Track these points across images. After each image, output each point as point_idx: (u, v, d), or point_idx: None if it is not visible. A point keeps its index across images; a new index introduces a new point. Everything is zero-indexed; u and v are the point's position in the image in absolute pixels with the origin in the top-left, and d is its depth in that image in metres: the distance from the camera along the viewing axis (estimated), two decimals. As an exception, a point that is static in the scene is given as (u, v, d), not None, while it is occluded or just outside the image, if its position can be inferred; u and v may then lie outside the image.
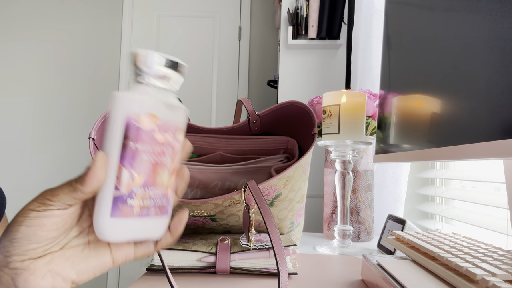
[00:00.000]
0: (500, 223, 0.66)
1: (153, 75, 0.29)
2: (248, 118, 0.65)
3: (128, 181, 0.28)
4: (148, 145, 0.29)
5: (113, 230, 0.28)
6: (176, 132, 0.31)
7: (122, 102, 0.28)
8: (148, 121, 0.29)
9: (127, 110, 0.28)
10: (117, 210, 0.28)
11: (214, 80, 2.36)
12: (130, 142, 0.28)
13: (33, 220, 0.26)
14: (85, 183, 0.27)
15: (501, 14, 0.31)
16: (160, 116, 0.29)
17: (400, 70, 0.56)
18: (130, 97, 0.28)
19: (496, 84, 0.31)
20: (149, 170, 0.29)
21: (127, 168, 0.28)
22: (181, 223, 0.32)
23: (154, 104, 0.29)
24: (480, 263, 0.35)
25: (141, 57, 0.29)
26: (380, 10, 1.04)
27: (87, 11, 2.43)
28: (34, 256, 0.27)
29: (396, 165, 0.95)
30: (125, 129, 0.28)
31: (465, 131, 0.35)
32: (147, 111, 0.29)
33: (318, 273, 0.55)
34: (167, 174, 0.31)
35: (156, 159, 0.29)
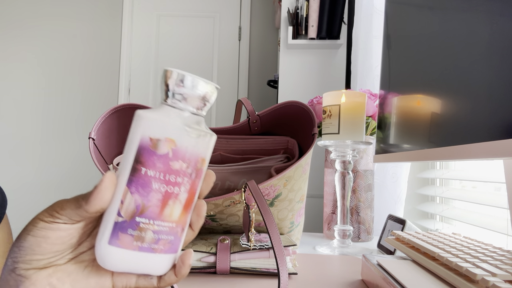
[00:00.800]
0: (500, 223, 0.66)
1: (179, 96, 0.27)
2: (248, 118, 0.65)
3: (132, 209, 0.26)
4: (159, 172, 0.26)
5: (108, 257, 0.26)
6: (197, 162, 0.28)
7: (140, 122, 0.26)
8: (163, 145, 0.26)
9: (143, 131, 0.26)
10: (116, 238, 0.26)
11: (214, 80, 2.36)
12: (140, 165, 0.26)
13: (39, 231, 0.26)
14: (89, 202, 0.26)
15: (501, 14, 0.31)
16: (178, 141, 0.26)
17: (400, 70, 0.56)
18: (149, 117, 0.26)
19: (496, 84, 0.31)
20: (157, 201, 0.26)
21: (133, 193, 0.26)
22: (185, 265, 0.29)
23: (174, 127, 0.26)
24: (480, 263, 0.35)
25: (172, 76, 0.27)
26: (380, 10, 1.04)
27: (87, 11, 2.43)
28: (38, 266, 0.26)
29: (396, 165, 0.95)
30: (137, 151, 0.26)
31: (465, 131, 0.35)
32: (164, 135, 0.26)
33: (318, 273, 0.55)
34: (180, 208, 0.27)
35: (168, 189, 0.27)
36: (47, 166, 2.38)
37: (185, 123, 0.27)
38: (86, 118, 2.40)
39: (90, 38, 2.42)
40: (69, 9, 2.43)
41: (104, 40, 2.41)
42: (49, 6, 2.43)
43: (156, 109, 0.27)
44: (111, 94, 2.41)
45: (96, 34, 2.42)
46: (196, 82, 0.27)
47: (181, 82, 0.27)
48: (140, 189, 0.26)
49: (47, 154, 2.38)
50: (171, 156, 0.26)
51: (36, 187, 2.37)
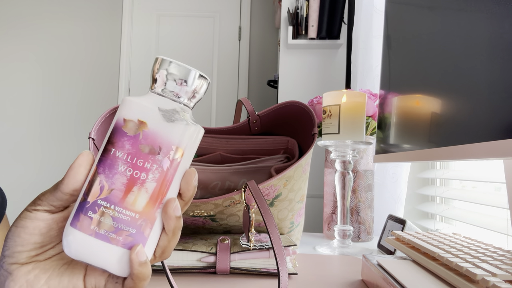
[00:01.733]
0: (500, 223, 0.66)
1: (168, 85, 0.27)
2: (248, 118, 0.65)
3: (96, 190, 0.25)
4: (127, 154, 0.25)
5: (69, 241, 0.25)
6: (170, 150, 0.26)
7: (122, 106, 0.26)
8: (135, 126, 0.25)
9: (120, 113, 0.26)
10: (76, 220, 0.25)
11: (214, 80, 2.36)
12: (110, 146, 0.25)
13: (20, 221, 0.26)
14: (63, 181, 0.25)
15: (501, 13, 0.31)
16: (150, 124, 0.26)
17: (400, 70, 0.56)
18: (130, 100, 0.26)
19: (496, 84, 0.31)
20: (121, 184, 0.25)
21: (100, 174, 0.25)
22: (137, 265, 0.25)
23: (148, 110, 0.26)
24: (480, 263, 0.35)
25: (160, 64, 0.26)
26: (380, 10, 1.04)
27: (87, 11, 2.43)
28: (20, 261, 0.26)
29: (396, 165, 0.95)
30: (111, 132, 0.26)
31: (465, 131, 0.35)
32: (137, 116, 0.26)
33: (318, 273, 0.55)
34: (145, 198, 0.25)
35: (134, 173, 0.25)
36: (47, 166, 2.38)
37: (161, 108, 0.26)
38: (86, 118, 2.40)
39: (90, 38, 2.42)
40: (69, 9, 2.43)
41: (104, 40, 2.41)
42: (49, 6, 2.43)
43: (143, 95, 0.27)
44: (111, 94, 2.41)
45: (96, 34, 2.42)
46: (185, 72, 0.26)
47: (169, 71, 0.26)
48: (106, 170, 0.25)
49: (47, 154, 2.38)
50: (141, 138, 0.25)
51: (36, 187, 2.37)
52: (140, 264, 0.25)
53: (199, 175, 0.63)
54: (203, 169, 0.62)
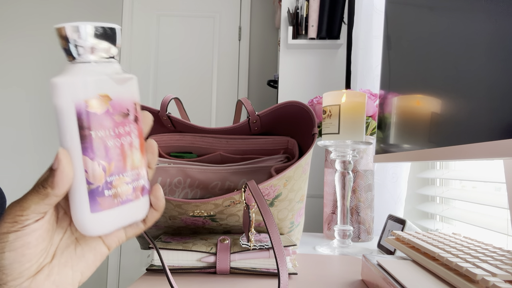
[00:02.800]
0: (500, 223, 0.66)
1: (87, 49, 0.26)
2: (248, 118, 0.65)
3: (99, 173, 0.26)
4: (107, 130, 0.26)
5: (97, 224, 0.26)
6: (134, 106, 0.28)
7: (64, 89, 0.25)
8: (100, 103, 0.26)
9: (73, 97, 0.25)
10: (96, 204, 0.26)
11: (214, 80, 2.36)
12: (87, 131, 0.25)
13: (15, 243, 0.24)
14: (56, 185, 0.24)
15: (501, 13, 0.31)
16: (111, 94, 0.26)
17: (400, 70, 0.56)
18: (72, 80, 0.25)
19: (496, 84, 0.31)
20: (117, 155, 0.27)
21: (93, 159, 0.26)
22: (159, 198, 0.30)
23: (100, 82, 0.26)
24: (480, 263, 0.35)
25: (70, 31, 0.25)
26: (380, 10, 1.04)
27: (86, 11, 2.43)
28: (31, 274, 0.25)
29: (396, 165, 0.95)
30: (78, 118, 0.25)
31: (465, 131, 0.35)
32: (96, 93, 0.25)
33: (318, 273, 0.55)
34: (138, 153, 0.28)
35: (121, 141, 0.27)
36: (46, 166, 2.39)
37: (107, 74, 0.26)
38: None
39: (90, 38, 2.42)
40: (69, 9, 2.43)
41: (104, 40, 2.41)
42: (49, 6, 2.43)
43: (66, 71, 0.26)
44: (111, 94, 2.41)
45: (96, 34, 2.42)
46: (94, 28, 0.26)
47: (78, 35, 0.25)
48: (98, 152, 0.26)
49: (47, 154, 2.39)
50: (111, 110, 0.26)
51: (36, 187, 2.37)
52: (162, 197, 0.30)
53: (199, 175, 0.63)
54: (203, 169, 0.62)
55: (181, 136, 0.68)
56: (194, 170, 0.62)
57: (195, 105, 2.34)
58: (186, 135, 0.68)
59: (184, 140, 0.68)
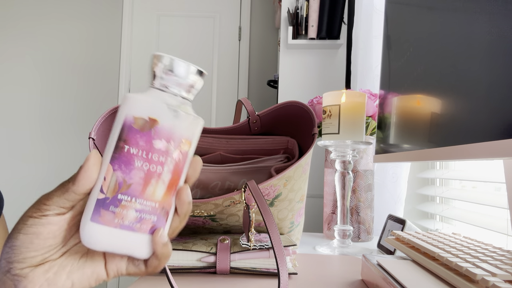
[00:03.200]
0: (500, 223, 0.66)
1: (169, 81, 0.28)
2: (248, 118, 0.65)
3: (114, 185, 0.26)
4: (142, 150, 0.27)
5: (91, 235, 0.26)
6: (180, 143, 0.28)
7: (126, 102, 0.27)
8: (146, 123, 0.27)
9: (128, 110, 0.27)
10: (97, 215, 0.26)
11: (214, 80, 2.36)
12: (123, 143, 0.26)
13: (30, 228, 0.26)
14: (77, 182, 0.26)
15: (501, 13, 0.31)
16: (160, 121, 0.27)
17: (400, 70, 0.56)
18: (135, 97, 0.27)
19: (496, 84, 0.31)
20: (139, 178, 0.27)
21: (116, 171, 0.26)
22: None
23: (157, 107, 0.27)
24: (480, 263, 0.35)
25: (160, 60, 0.27)
26: (380, 10, 1.04)
27: (87, 11, 2.43)
28: (34, 263, 0.26)
29: (396, 165, 0.95)
30: (121, 129, 0.27)
31: (465, 131, 0.35)
32: (148, 114, 0.27)
33: (318, 273, 0.55)
34: (163, 188, 0.27)
35: (150, 167, 0.27)
36: (46, 166, 2.38)
37: (168, 104, 0.27)
38: (86, 118, 2.40)
39: (90, 38, 2.42)
40: (69, 9, 2.43)
41: (104, 40, 2.41)
42: (48, 6, 2.43)
43: (144, 91, 0.28)
44: (111, 94, 2.41)
45: (96, 34, 2.42)
46: (184, 68, 0.28)
47: (168, 67, 0.27)
48: (122, 166, 0.26)
49: (46, 154, 2.38)
50: (154, 134, 0.27)
51: (35, 188, 2.37)
52: (163, 245, 0.28)
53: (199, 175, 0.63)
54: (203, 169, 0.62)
55: (181, 136, 0.68)
56: (194, 170, 0.62)
57: (195, 105, 2.34)
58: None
59: (184, 140, 0.68)
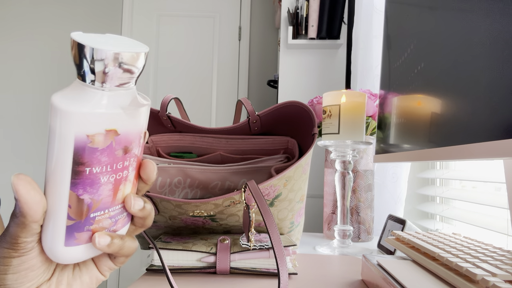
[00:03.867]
0: (500, 223, 0.66)
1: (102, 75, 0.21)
2: (248, 118, 0.65)
3: (84, 209, 0.24)
4: (105, 166, 0.23)
5: (68, 256, 0.25)
6: (140, 138, 0.25)
7: (68, 118, 0.21)
8: (104, 139, 0.23)
9: (76, 129, 0.22)
10: (72, 239, 0.24)
11: (214, 80, 2.36)
12: (81, 167, 0.23)
13: (19, 267, 0.24)
14: (28, 216, 0.22)
15: (501, 13, 0.31)
16: (119, 129, 0.23)
17: (400, 70, 0.55)
18: (78, 111, 0.21)
19: (496, 84, 0.31)
20: (108, 191, 0.24)
21: (81, 195, 0.23)
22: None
23: (111, 117, 0.22)
24: (480, 263, 0.35)
25: (84, 51, 0.21)
26: (380, 10, 1.04)
27: (86, 11, 2.43)
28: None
29: (396, 165, 0.95)
30: (75, 153, 0.22)
31: (465, 131, 0.35)
32: (103, 127, 0.22)
33: (318, 273, 0.55)
34: (130, 186, 0.26)
35: (117, 176, 0.24)
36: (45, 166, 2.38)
37: (122, 106, 0.23)
38: (86, 118, 2.40)
39: (90, 38, 2.42)
40: (69, 9, 2.43)
41: (104, 40, 2.41)
42: (48, 6, 2.43)
43: (75, 92, 0.22)
44: (111, 94, 2.41)
45: (96, 34, 2.42)
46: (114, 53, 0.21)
47: (97, 57, 0.21)
48: (88, 189, 0.23)
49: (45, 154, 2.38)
50: (115, 145, 0.23)
51: (36, 187, 2.37)
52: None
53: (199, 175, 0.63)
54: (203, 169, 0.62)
55: (181, 136, 0.68)
56: (194, 170, 0.62)
57: (195, 105, 2.34)
58: (186, 135, 0.68)
59: (184, 140, 0.68)
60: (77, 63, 0.21)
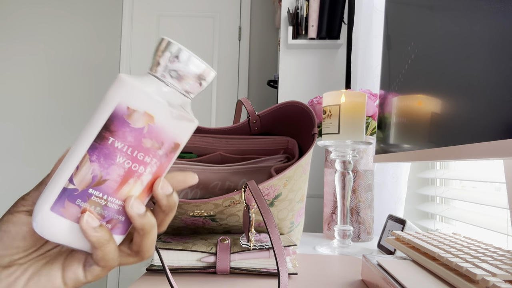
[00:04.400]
0: (500, 223, 0.66)
1: (173, 72, 0.24)
2: (248, 118, 0.65)
3: (88, 178, 0.23)
4: (128, 146, 0.24)
5: (48, 225, 0.23)
6: (171, 145, 0.25)
7: (121, 86, 0.23)
8: (140, 118, 0.23)
9: (122, 97, 0.23)
10: (60, 206, 0.23)
11: (214, 80, 2.36)
12: (108, 134, 0.23)
13: (3, 225, 0.25)
14: (50, 174, 0.25)
15: (501, 13, 0.31)
16: (156, 118, 0.24)
17: (400, 70, 0.55)
18: (133, 84, 0.23)
19: (496, 84, 0.31)
20: (117, 176, 0.24)
21: (92, 162, 0.23)
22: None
23: (157, 102, 0.24)
24: (480, 263, 0.35)
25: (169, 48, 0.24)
26: (380, 10, 1.04)
27: (86, 11, 2.43)
28: (2, 264, 0.26)
29: (396, 165, 0.95)
30: (110, 118, 0.23)
31: (465, 131, 0.35)
32: (144, 108, 0.23)
33: (318, 273, 0.55)
34: (139, 189, 0.25)
35: (132, 166, 0.24)
36: (46, 166, 2.38)
37: (169, 101, 0.24)
38: (85, 118, 2.40)
39: (90, 38, 2.42)
40: (69, 9, 2.43)
41: (104, 40, 2.41)
42: (48, 6, 2.43)
43: (142, 77, 0.24)
44: (111, 94, 2.41)
45: (96, 34, 2.42)
46: (194, 62, 0.24)
47: (177, 57, 0.24)
48: (101, 159, 0.23)
49: (46, 153, 2.38)
50: (146, 132, 0.24)
51: (36, 187, 2.37)
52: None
53: (199, 175, 0.63)
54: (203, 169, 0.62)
55: (181, 136, 0.68)
56: (194, 170, 0.62)
57: (195, 105, 2.34)
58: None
59: (184, 140, 0.68)
60: (157, 59, 0.24)
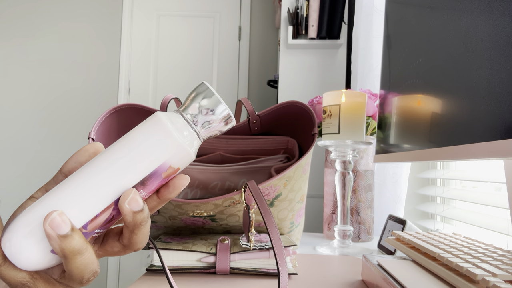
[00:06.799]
0: (501, 223, 0.66)
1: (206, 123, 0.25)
2: (248, 118, 0.65)
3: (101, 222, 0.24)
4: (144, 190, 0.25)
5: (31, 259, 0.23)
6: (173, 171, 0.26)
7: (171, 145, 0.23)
8: (171, 172, 0.24)
9: (169, 157, 0.24)
10: None
11: (214, 80, 2.36)
12: (140, 187, 0.24)
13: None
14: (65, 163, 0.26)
15: (501, 13, 0.31)
16: (180, 169, 0.25)
17: (400, 70, 0.55)
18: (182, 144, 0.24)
19: (497, 84, 0.31)
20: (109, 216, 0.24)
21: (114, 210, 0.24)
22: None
23: (188, 157, 0.25)
24: (481, 263, 0.34)
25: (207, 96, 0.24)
26: (380, 10, 1.03)
27: (86, 11, 2.43)
28: None
29: (396, 165, 0.94)
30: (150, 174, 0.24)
31: (465, 131, 0.35)
32: (178, 164, 0.24)
33: (318, 273, 0.55)
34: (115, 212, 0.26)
35: None
36: (46, 166, 2.38)
37: (194, 151, 0.25)
38: (85, 118, 2.40)
39: (90, 38, 2.42)
40: (69, 9, 2.43)
41: (104, 40, 2.41)
42: (49, 6, 2.43)
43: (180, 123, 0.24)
44: (111, 94, 2.41)
45: (96, 34, 2.42)
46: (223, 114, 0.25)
47: (212, 109, 0.25)
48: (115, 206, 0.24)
49: (46, 154, 2.38)
50: (165, 179, 0.25)
51: (34, 187, 2.37)
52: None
53: (199, 175, 0.63)
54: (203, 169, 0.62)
55: (181, 136, 0.68)
56: (193, 170, 0.62)
57: (195, 105, 2.33)
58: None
59: (184, 140, 0.68)
60: (197, 105, 0.25)
